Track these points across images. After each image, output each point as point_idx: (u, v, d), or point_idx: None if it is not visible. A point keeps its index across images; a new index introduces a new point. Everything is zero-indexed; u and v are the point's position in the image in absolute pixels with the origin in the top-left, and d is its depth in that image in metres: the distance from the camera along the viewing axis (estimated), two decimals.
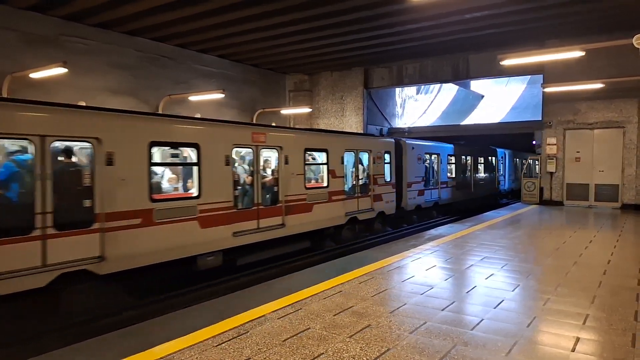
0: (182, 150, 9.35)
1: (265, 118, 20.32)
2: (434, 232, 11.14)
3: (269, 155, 10.87)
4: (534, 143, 20.63)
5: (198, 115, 15.91)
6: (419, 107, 31.33)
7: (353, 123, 21.72)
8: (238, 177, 9.98)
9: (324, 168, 12.30)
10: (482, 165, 24.28)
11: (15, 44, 12.65)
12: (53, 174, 6.67)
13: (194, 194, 8.74)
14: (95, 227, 7.07)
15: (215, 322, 4.75)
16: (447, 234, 10.59)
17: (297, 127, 13.88)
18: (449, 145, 20.47)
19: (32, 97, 10.85)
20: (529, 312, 5.16)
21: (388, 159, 15.06)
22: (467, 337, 4.40)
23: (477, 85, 35.27)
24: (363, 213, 13.74)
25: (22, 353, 5.57)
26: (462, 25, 14.95)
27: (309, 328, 4.62)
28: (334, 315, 4.98)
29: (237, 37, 15.83)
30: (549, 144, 17.25)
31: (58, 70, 11.62)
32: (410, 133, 23.30)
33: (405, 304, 5.38)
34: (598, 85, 14.88)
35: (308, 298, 5.60)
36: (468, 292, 6.00)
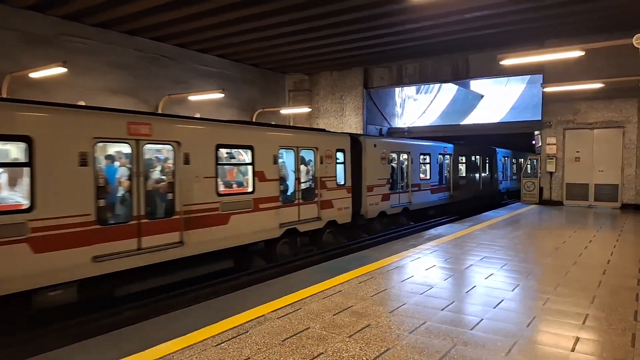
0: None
1: (265, 118, 20.31)
2: (434, 232, 11.14)
3: (160, 154, 8.86)
4: (533, 143, 20.63)
5: (197, 115, 15.94)
6: (419, 107, 31.35)
7: (353, 123, 21.72)
8: (106, 181, 7.72)
9: (249, 169, 10.08)
10: (470, 165, 22.26)
11: (15, 44, 12.64)
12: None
13: (26, 207, 6.54)
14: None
15: (215, 321, 4.75)
16: (446, 234, 10.59)
17: (208, 118, 11.24)
18: (428, 143, 18.74)
19: (31, 97, 10.86)
20: (529, 312, 5.17)
21: (342, 159, 12.85)
22: (466, 336, 4.40)
23: (476, 85, 35.30)
24: (306, 223, 11.54)
25: (22, 353, 5.57)
26: (461, 25, 14.95)
27: (309, 328, 4.62)
28: (334, 315, 4.98)
29: (236, 36, 15.83)
30: (549, 144, 17.26)
31: (58, 70, 11.62)
32: (410, 133, 23.31)
33: (405, 304, 5.39)
34: (598, 85, 14.88)
35: (307, 298, 5.60)
36: (468, 292, 6.00)
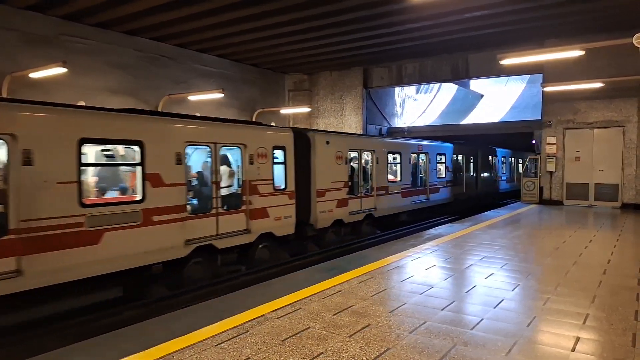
0: None
1: (265, 117, 20.32)
2: (434, 231, 11.14)
3: None
4: (533, 142, 20.61)
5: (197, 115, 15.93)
6: (419, 106, 31.36)
7: (352, 123, 21.72)
8: None
9: (138, 172, 7.87)
10: (455, 165, 20.49)
11: (15, 44, 12.64)
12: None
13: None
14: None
15: (215, 321, 4.75)
16: (446, 234, 10.59)
17: (66, 104, 7.87)
18: (397, 141, 17.15)
19: (31, 97, 10.86)
20: (529, 311, 5.16)
21: (282, 158, 10.93)
22: (466, 336, 4.40)
23: (476, 85, 35.31)
24: (228, 238, 9.37)
25: (22, 353, 5.56)
26: (461, 25, 14.95)
27: (309, 328, 4.62)
28: (334, 315, 4.98)
29: (236, 36, 15.82)
30: (549, 144, 17.26)
31: (57, 70, 11.61)
32: (410, 132, 23.30)
33: (405, 304, 5.38)
34: (598, 85, 14.88)
35: (307, 297, 5.60)
36: (468, 291, 6.00)
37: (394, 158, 15.95)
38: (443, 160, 19.35)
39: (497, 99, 33.40)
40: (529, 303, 5.52)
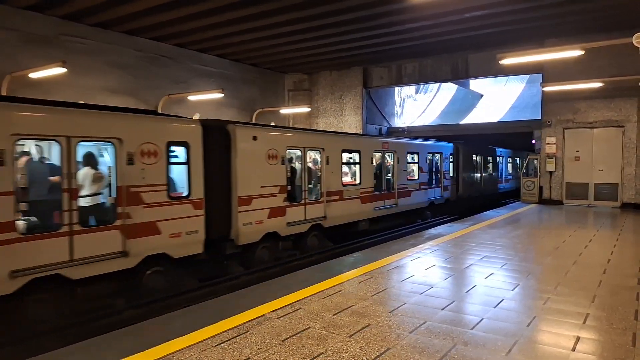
0: None
1: (265, 117, 20.33)
2: (434, 231, 11.14)
3: None
4: (533, 142, 20.61)
5: (197, 115, 15.92)
6: (418, 106, 31.36)
7: (352, 122, 21.72)
8: None
9: None
10: (431, 165, 18.36)
11: (15, 44, 12.63)
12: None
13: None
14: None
15: (215, 321, 4.75)
16: (446, 234, 10.59)
17: None
18: (356, 137, 15.26)
19: (31, 97, 10.85)
20: (529, 311, 5.16)
21: (184, 157, 8.64)
22: (467, 336, 4.40)
23: (476, 85, 35.31)
24: (89, 264, 7.02)
25: (22, 353, 5.56)
26: (461, 25, 14.94)
27: (309, 328, 4.61)
28: (334, 315, 4.98)
29: (235, 36, 15.81)
30: (548, 143, 17.26)
31: (57, 70, 11.60)
32: (410, 132, 23.30)
33: (405, 304, 5.38)
34: (597, 85, 14.88)
35: (307, 297, 5.60)
36: (468, 291, 6.00)
37: (351, 157, 13.87)
38: (416, 160, 17.06)
39: (496, 99, 33.40)
40: (529, 303, 5.52)
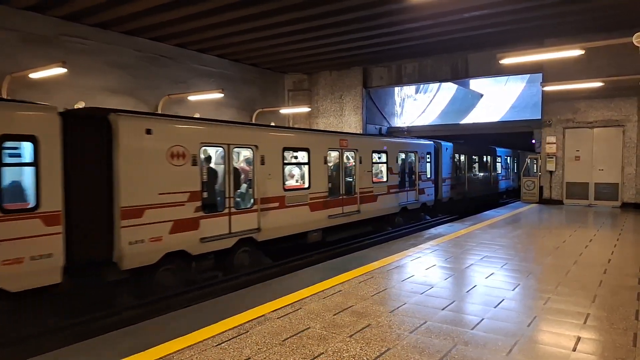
0: None
1: (265, 117, 20.32)
2: (434, 231, 11.13)
3: None
4: (533, 142, 20.60)
5: (197, 115, 15.93)
6: (418, 106, 31.35)
7: (352, 122, 21.71)
8: None
9: None
10: (404, 165, 16.27)
11: (15, 44, 12.63)
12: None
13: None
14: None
15: (215, 321, 4.74)
16: (446, 233, 10.58)
17: None
18: (303, 133, 12.90)
19: (31, 97, 10.87)
20: (530, 311, 5.16)
21: (30, 156, 6.76)
22: (467, 336, 4.39)
23: (476, 84, 35.28)
24: None
25: (22, 353, 5.56)
26: (461, 25, 14.94)
27: (309, 328, 4.61)
28: (334, 315, 4.97)
29: (235, 36, 15.81)
30: (549, 143, 17.26)
31: (57, 70, 11.60)
32: (410, 132, 23.28)
33: (405, 304, 5.38)
34: (597, 84, 14.88)
35: (308, 297, 5.59)
36: (468, 291, 5.99)
37: (296, 157, 11.94)
38: (384, 160, 15.10)
39: (496, 99, 33.36)
40: (530, 303, 5.51)
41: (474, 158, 22.79)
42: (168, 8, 12.84)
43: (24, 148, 6.98)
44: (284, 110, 21.60)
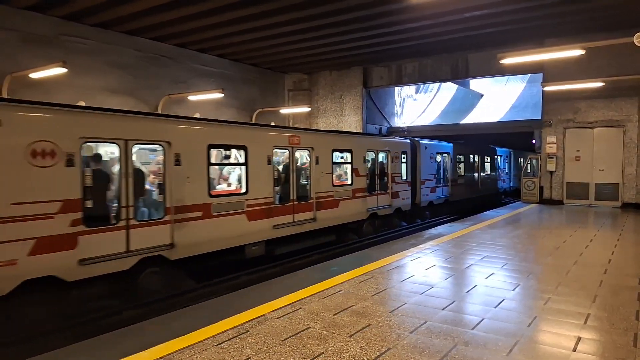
0: None
1: (265, 117, 20.33)
2: (434, 231, 11.13)
3: None
4: (533, 142, 20.59)
5: (197, 115, 15.93)
6: (418, 106, 31.35)
7: (352, 122, 21.71)
8: None
9: None
10: (373, 166, 14.52)
11: (15, 44, 12.63)
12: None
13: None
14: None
15: (215, 321, 4.74)
16: (446, 233, 10.58)
17: None
18: (233, 128, 10.24)
19: (31, 97, 10.86)
20: (530, 311, 5.15)
21: None
22: (467, 336, 4.39)
23: (476, 84, 35.29)
24: None
25: (22, 353, 5.56)
26: (461, 25, 14.94)
27: (309, 327, 4.61)
28: (334, 315, 4.97)
29: (235, 36, 15.81)
30: (549, 143, 17.25)
31: (57, 70, 11.61)
32: (410, 132, 23.26)
33: (405, 304, 5.37)
34: (598, 84, 14.88)
35: (308, 297, 5.59)
36: (468, 291, 5.99)
37: (228, 156, 10.49)
38: (349, 160, 13.27)
39: (497, 99, 33.36)
40: (530, 303, 5.51)
41: (460, 157, 20.88)
42: (168, 8, 12.84)
43: None
44: (284, 110, 21.61)
